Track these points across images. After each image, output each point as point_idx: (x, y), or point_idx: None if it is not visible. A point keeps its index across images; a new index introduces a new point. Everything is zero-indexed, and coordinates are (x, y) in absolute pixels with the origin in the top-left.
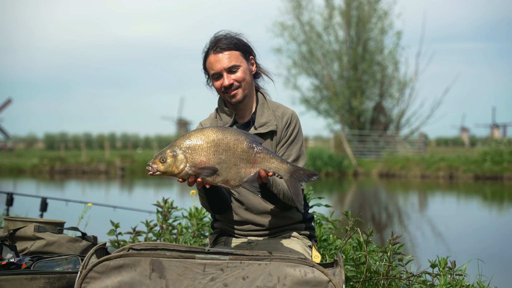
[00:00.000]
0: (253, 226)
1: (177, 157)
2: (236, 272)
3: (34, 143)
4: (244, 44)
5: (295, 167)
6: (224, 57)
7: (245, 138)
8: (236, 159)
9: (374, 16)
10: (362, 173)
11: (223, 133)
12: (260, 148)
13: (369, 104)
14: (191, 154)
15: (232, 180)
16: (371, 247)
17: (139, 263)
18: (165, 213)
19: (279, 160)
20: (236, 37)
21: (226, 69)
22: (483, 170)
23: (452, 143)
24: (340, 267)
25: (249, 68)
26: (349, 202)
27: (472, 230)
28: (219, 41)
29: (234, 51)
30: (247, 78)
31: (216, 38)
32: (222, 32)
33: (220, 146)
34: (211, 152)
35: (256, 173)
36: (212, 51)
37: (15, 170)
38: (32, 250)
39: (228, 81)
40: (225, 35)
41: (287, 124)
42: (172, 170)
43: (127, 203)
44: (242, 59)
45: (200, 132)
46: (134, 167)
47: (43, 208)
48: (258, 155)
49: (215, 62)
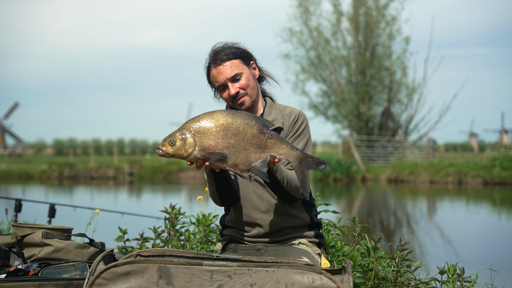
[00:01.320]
0: (261, 230)
1: (186, 140)
2: (244, 279)
3: (43, 149)
4: (242, 52)
5: (305, 154)
6: (225, 68)
7: (256, 123)
8: (245, 143)
9: (382, 21)
10: (370, 178)
11: (233, 116)
12: (270, 133)
13: (377, 110)
14: (200, 137)
15: (241, 164)
16: (379, 254)
17: (147, 269)
18: (173, 219)
19: (289, 146)
20: (233, 46)
21: (230, 79)
22: (492, 176)
23: (461, 148)
24: (348, 274)
25: (251, 73)
26: (357, 207)
27: (481, 236)
28: (217, 54)
29: (234, 60)
30: (251, 83)
31: (214, 51)
32: (218, 44)
33: (230, 130)
34: (219, 136)
35: (267, 158)
36: (213, 65)
37: (24, 176)
38: (40, 256)
39: (234, 90)
40: (222, 47)
41: (295, 120)
42: (181, 153)
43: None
44: (243, 66)
45: (209, 115)
46: (143, 173)
47: (51, 214)
48: (268, 140)
49: (218, 75)
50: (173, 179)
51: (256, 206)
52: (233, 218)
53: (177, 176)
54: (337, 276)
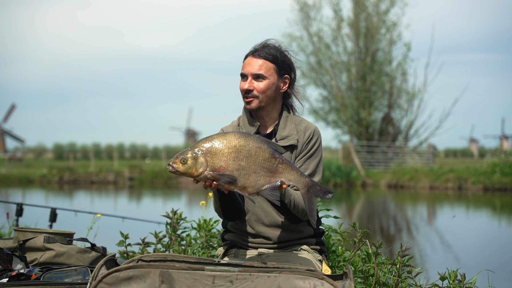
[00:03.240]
0: (264, 240)
1: (197, 159)
2: (246, 284)
3: (43, 153)
4: (284, 61)
5: (313, 182)
6: (256, 63)
7: (268, 147)
8: (256, 166)
9: (382, 27)
10: (370, 184)
11: (246, 139)
12: (282, 158)
13: (377, 115)
14: (212, 158)
15: (250, 188)
16: (380, 259)
17: (149, 274)
18: (174, 224)
19: (299, 173)
20: (281, 50)
21: (253, 74)
22: (492, 182)
23: (461, 154)
24: (350, 280)
25: (276, 84)
26: (357, 213)
27: (482, 242)
28: (261, 47)
29: (270, 62)
30: (268, 92)
31: (261, 44)
32: (272, 40)
33: (241, 153)
34: (231, 158)
35: (277, 183)
36: (252, 53)
37: (24, 180)
38: (42, 261)
39: (248, 86)
40: (270, 44)
41: (309, 138)
42: (192, 172)
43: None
44: (273, 72)
45: (222, 136)
46: (143, 177)
47: (52, 218)
48: (280, 165)
49: (247, 64)
50: (173, 183)
51: (260, 220)
52: (236, 225)
53: (177, 180)
54: (338, 282)
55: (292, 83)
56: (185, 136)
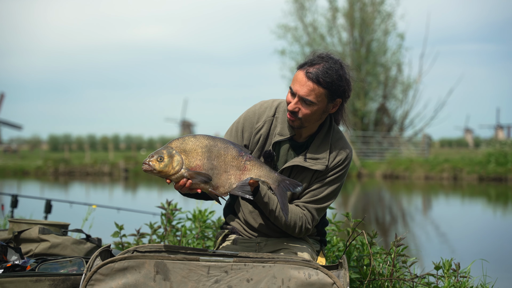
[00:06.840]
0: (264, 231)
1: (173, 157)
2: (240, 274)
3: (38, 144)
4: (339, 85)
5: (282, 177)
6: (307, 86)
7: (234, 147)
8: (226, 165)
9: (377, 17)
10: (365, 174)
11: (214, 140)
12: (248, 156)
13: (372, 106)
14: (187, 156)
15: (222, 187)
16: (375, 249)
17: (144, 265)
18: (169, 215)
19: (268, 168)
20: (336, 72)
21: (300, 96)
22: (487, 172)
23: (456, 144)
24: (344, 269)
25: (324, 109)
26: (352, 203)
27: (477, 232)
28: (318, 67)
29: (320, 87)
30: (313, 117)
31: (319, 56)
32: (332, 57)
33: (213, 152)
34: (205, 157)
35: (247, 179)
36: (305, 70)
37: (19, 171)
38: (37, 252)
39: (293, 108)
40: (327, 67)
41: (338, 163)
42: (168, 170)
43: (131, 204)
44: (323, 98)
45: (193, 137)
46: (138, 169)
47: (47, 210)
48: (247, 162)
49: (297, 82)
50: None
51: (263, 213)
52: (239, 213)
53: None
54: (333, 272)
55: (343, 105)
56: (180, 127)
